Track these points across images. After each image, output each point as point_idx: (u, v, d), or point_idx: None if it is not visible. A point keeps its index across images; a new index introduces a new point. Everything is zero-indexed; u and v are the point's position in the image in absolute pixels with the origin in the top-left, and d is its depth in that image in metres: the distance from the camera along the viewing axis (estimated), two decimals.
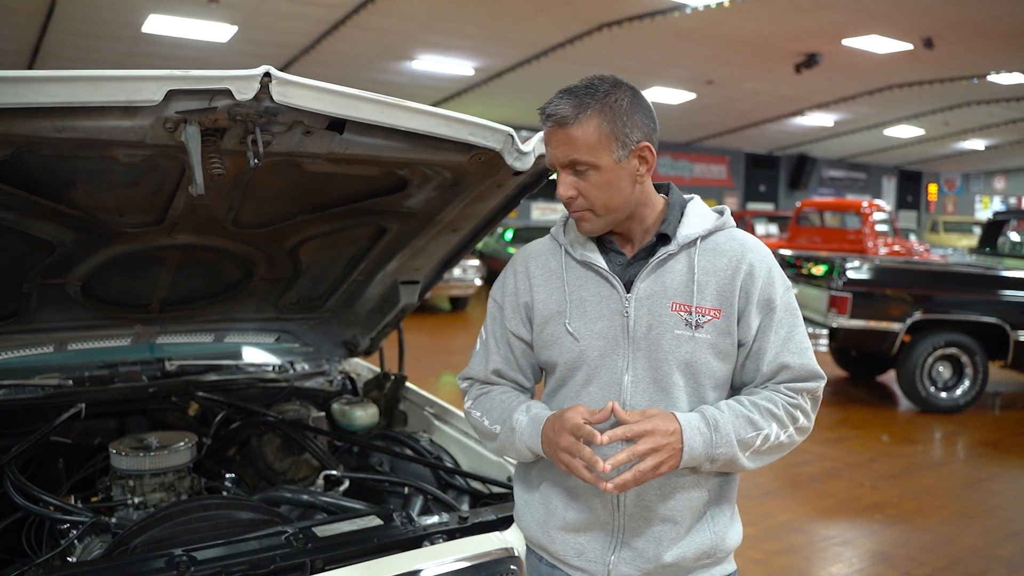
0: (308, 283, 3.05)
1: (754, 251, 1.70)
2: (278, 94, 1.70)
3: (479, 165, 2.20)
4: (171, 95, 1.63)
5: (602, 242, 1.75)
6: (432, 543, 2.12)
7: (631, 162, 1.63)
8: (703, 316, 1.65)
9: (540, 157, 2.16)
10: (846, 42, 13.44)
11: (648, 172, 1.67)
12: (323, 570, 1.96)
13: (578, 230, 1.72)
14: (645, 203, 1.70)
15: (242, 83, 1.66)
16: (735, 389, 1.76)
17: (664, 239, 1.70)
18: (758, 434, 1.62)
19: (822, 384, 1.71)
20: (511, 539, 2.12)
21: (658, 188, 1.77)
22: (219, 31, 12.49)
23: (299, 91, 1.73)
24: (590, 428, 1.55)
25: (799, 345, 1.69)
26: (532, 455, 1.73)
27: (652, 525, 1.69)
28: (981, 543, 4.78)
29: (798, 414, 1.67)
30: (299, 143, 1.93)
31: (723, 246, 1.70)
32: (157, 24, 11.97)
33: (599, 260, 1.72)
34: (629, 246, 1.74)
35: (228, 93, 1.66)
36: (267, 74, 1.66)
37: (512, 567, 2.06)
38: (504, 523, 2.20)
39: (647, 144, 1.63)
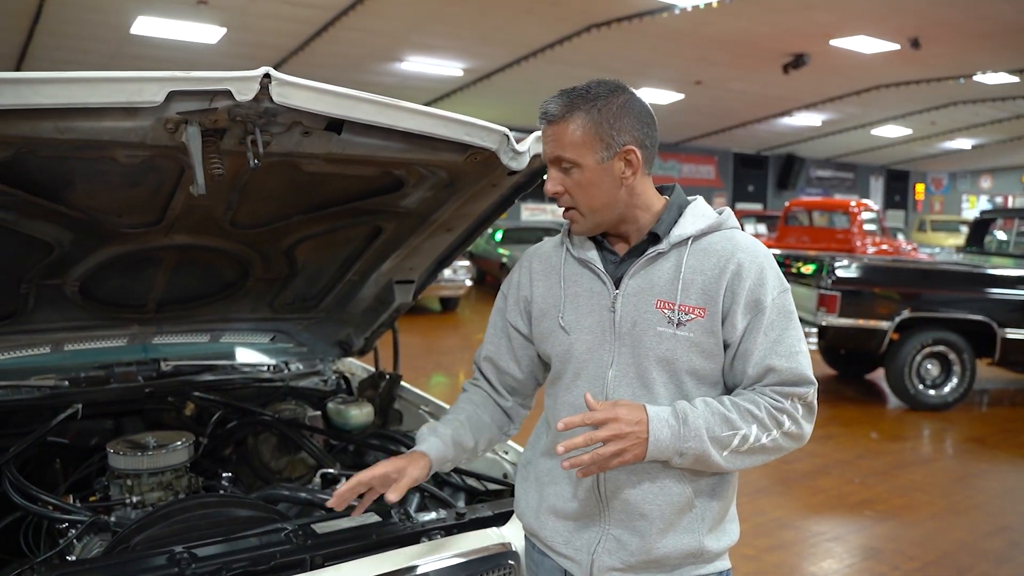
0: (303, 283, 3.07)
1: (746, 251, 1.68)
2: (278, 95, 1.71)
3: (475, 165, 2.21)
4: (172, 96, 1.64)
5: (599, 242, 1.79)
6: (430, 539, 2.13)
7: (616, 164, 1.64)
8: (686, 314, 1.66)
9: (535, 157, 2.18)
10: (834, 42, 13.52)
11: (634, 175, 1.67)
12: (323, 566, 1.98)
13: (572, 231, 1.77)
14: (636, 205, 1.71)
15: (242, 84, 1.67)
16: (728, 390, 1.75)
17: (655, 239, 1.72)
18: (734, 433, 1.61)
19: (812, 390, 1.68)
20: (508, 535, 2.14)
21: (662, 190, 1.79)
22: (208, 32, 12.47)
23: (298, 92, 1.74)
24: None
25: (789, 348, 1.66)
26: None
27: (633, 519, 1.71)
28: (969, 538, 4.83)
29: (783, 418, 1.64)
30: (298, 143, 1.94)
31: (715, 246, 1.69)
32: (145, 26, 11.95)
33: (594, 258, 1.76)
34: (623, 246, 1.77)
35: (228, 94, 1.67)
36: (267, 75, 1.68)
37: (510, 562, 2.08)
38: (501, 519, 2.22)
39: (632, 148, 1.64)
